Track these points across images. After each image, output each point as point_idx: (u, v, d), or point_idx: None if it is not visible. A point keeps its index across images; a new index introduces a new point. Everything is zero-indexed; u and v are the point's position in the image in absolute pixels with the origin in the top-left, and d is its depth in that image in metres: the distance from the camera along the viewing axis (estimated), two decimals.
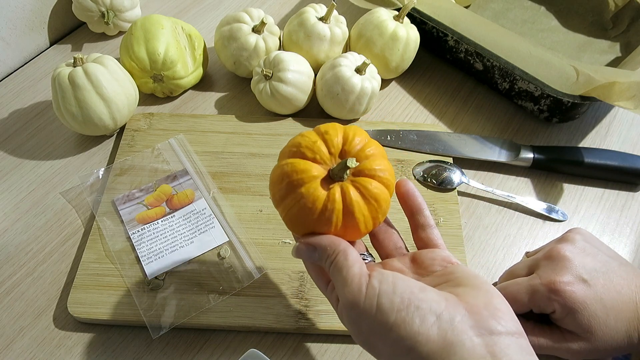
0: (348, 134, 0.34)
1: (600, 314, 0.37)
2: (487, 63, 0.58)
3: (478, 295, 0.29)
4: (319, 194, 0.32)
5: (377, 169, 0.33)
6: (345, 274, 0.30)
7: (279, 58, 0.54)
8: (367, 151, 0.33)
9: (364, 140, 0.34)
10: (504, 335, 0.27)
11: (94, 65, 0.51)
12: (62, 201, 0.52)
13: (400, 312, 0.28)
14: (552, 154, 0.54)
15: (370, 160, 0.33)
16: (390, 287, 0.29)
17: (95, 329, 0.44)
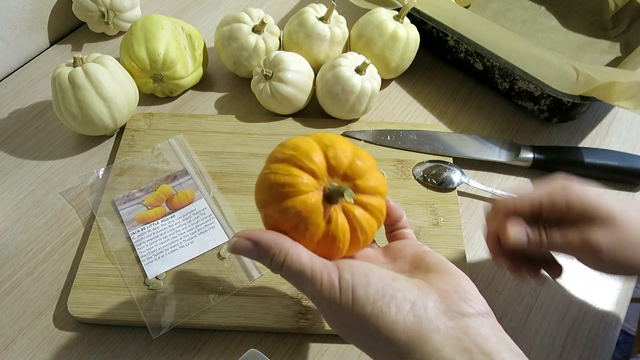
0: (355, 156, 0.32)
1: (617, 202, 0.35)
2: (487, 63, 0.58)
3: (447, 280, 0.30)
4: (306, 208, 0.31)
5: (372, 204, 0.32)
6: (311, 273, 0.30)
7: (279, 58, 0.54)
8: (369, 183, 0.32)
9: (367, 164, 0.33)
10: (475, 317, 0.28)
11: (94, 65, 0.51)
12: (62, 201, 0.52)
13: (376, 303, 0.28)
14: (552, 154, 0.54)
15: (367, 195, 0.32)
16: (363, 279, 0.29)
17: (95, 329, 0.44)
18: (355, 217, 0.32)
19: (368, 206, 0.32)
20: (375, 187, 0.32)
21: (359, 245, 0.33)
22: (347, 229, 0.32)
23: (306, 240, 0.31)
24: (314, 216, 0.31)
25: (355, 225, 0.32)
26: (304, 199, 0.31)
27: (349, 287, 0.29)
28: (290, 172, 0.31)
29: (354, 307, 0.29)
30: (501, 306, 0.46)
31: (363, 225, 0.32)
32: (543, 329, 0.44)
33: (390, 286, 0.29)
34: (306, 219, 0.31)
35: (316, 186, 0.31)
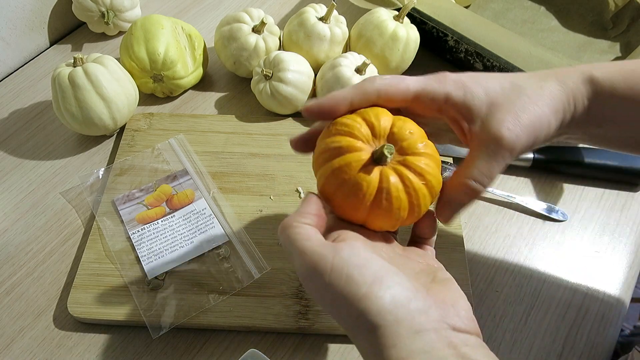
0: (396, 122, 0.32)
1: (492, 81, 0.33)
2: (487, 63, 0.58)
3: (447, 294, 0.30)
4: (356, 168, 0.30)
5: (423, 167, 0.31)
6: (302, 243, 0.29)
7: (279, 58, 0.54)
8: (418, 146, 0.32)
9: (417, 133, 0.32)
10: (465, 333, 0.28)
11: (94, 65, 0.51)
12: (62, 201, 0.52)
13: (372, 286, 0.27)
14: (552, 154, 0.54)
15: (419, 157, 0.31)
16: (362, 261, 0.28)
17: (95, 329, 0.44)
18: (406, 176, 0.31)
19: (422, 170, 0.31)
20: (425, 153, 0.32)
21: (414, 210, 0.32)
22: (400, 189, 0.31)
23: (356, 203, 0.31)
24: (361, 175, 0.30)
25: (407, 183, 0.31)
26: (349, 158, 0.31)
27: (344, 264, 0.28)
28: (339, 139, 0.31)
29: (346, 285, 0.27)
30: (501, 306, 0.46)
31: (415, 184, 0.31)
32: (543, 329, 0.44)
33: (391, 277, 0.28)
34: (352, 177, 0.30)
35: (364, 148, 0.31)
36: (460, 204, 0.34)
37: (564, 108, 0.33)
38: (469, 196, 0.33)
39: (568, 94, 0.33)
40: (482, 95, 0.33)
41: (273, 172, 0.52)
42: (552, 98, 0.33)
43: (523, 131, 0.32)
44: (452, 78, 0.34)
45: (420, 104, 0.34)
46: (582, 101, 0.33)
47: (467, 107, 0.33)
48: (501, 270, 0.48)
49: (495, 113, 0.32)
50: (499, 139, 0.32)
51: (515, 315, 0.45)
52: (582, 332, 0.44)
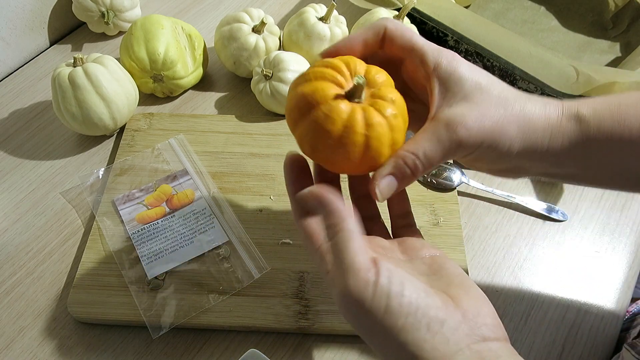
0: (370, 69, 0.32)
1: (484, 77, 0.33)
2: (487, 63, 0.58)
3: (470, 300, 0.29)
4: (337, 112, 0.30)
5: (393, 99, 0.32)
6: (350, 261, 0.28)
7: (279, 58, 0.54)
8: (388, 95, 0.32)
9: (388, 82, 0.33)
10: (494, 341, 0.28)
11: (94, 65, 0.51)
12: (62, 201, 0.52)
13: (408, 317, 0.27)
14: None
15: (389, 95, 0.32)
16: (399, 288, 0.28)
17: (95, 329, 0.44)
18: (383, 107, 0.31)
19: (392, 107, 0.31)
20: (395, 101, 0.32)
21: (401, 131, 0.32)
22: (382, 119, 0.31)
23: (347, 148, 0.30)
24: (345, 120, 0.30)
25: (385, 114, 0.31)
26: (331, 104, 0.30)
27: (383, 294, 0.27)
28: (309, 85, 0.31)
29: (385, 316, 0.27)
30: (501, 306, 0.46)
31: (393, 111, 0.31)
32: (543, 329, 0.44)
33: (424, 301, 0.28)
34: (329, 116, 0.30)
35: (340, 91, 0.31)
36: (390, 175, 0.32)
37: (537, 136, 0.32)
38: (400, 169, 0.32)
39: (547, 124, 0.32)
40: (469, 82, 0.32)
41: (273, 172, 0.52)
42: (526, 119, 0.32)
43: (479, 133, 0.31)
44: (454, 58, 0.33)
45: (411, 62, 0.34)
46: (563, 137, 0.32)
47: (445, 86, 0.33)
48: (501, 270, 0.48)
49: (465, 104, 0.32)
50: (455, 129, 0.31)
51: (515, 315, 0.45)
52: (582, 332, 0.44)
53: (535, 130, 0.32)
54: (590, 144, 0.32)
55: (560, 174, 0.34)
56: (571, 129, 0.32)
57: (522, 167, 0.34)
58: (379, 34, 0.34)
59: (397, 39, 0.34)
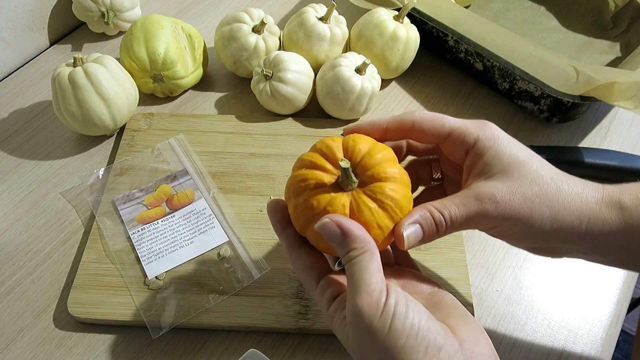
0: (347, 143, 0.33)
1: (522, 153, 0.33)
2: (487, 63, 0.58)
3: (466, 329, 0.30)
4: (321, 201, 0.31)
5: (388, 171, 0.32)
6: (368, 280, 0.29)
7: (279, 58, 0.54)
8: (376, 156, 0.32)
9: (367, 145, 0.33)
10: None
11: (94, 65, 0.51)
12: (62, 201, 0.52)
13: (409, 338, 0.28)
14: (552, 154, 0.54)
15: (380, 165, 0.32)
16: (404, 310, 0.28)
17: (95, 329, 0.44)
18: (377, 191, 0.31)
19: (385, 176, 0.31)
20: (383, 160, 0.32)
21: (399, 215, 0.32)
22: (374, 205, 0.31)
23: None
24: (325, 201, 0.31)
25: (382, 198, 0.31)
26: (317, 190, 0.32)
27: (389, 314, 0.28)
28: (306, 173, 0.33)
29: (387, 335, 0.28)
30: (501, 306, 0.46)
31: (389, 194, 0.31)
32: (543, 329, 0.44)
33: (425, 324, 0.28)
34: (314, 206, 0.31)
35: (330, 180, 0.32)
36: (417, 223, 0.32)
37: (572, 219, 0.32)
38: (427, 220, 0.32)
39: (585, 208, 0.32)
40: (506, 157, 0.33)
41: (273, 172, 0.52)
42: (560, 201, 0.32)
43: (506, 208, 0.32)
44: (493, 132, 0.34)
45: (451, 143, 0.35)
46: (603, 224, 0.32)
47: (483, 159, 0.33)
48: (501, 270, 0.48)
49: (499, 178, 0.32)
50: (482, 201, 0.32)
51: (515, 315, 0.45)
52: (583, 333, 0.44)
53: (570, 213, 0.32)
54: (634, 233, 0.32)
55: (602, 260, 0.34)
56: (612, 216, 0.32)
57: (558, 248, 0.34)
58: (404, 126, 0.35)
59: (429, 130, 0.35)
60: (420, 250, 0.47)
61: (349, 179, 0.31)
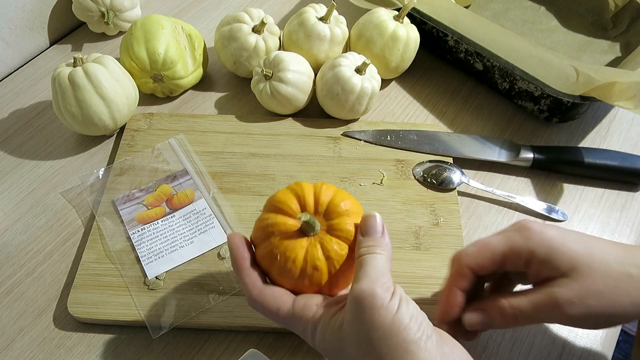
0: (318, 192, 0.36)
1: (581, 247, 0.34)
2: (487, 63, 0.58)
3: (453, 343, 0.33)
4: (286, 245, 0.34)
5: (343, 229, 0.35)
6: (382, 271, 0.32)
7: (279, 58, 0.54)
8: (340, 206, 0.35)
9: (336, 196, 0.36)
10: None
11: (94, 65, 0.51)
12: (62, 201, 0.52)
13: (412, 320, 0.30)
14: (552, 154, 0.54)
15: (341, 218, 0.35)
16: (407, 298, 0.32)
17: (95, 329, 0.44)
18: (327, 246, 0.34)
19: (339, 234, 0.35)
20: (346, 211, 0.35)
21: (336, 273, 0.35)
22: (322, 258, 0.34)
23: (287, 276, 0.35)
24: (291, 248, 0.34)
25: (329, 254, 0.34)
26: (281, 238, 0.35)
27: (397, 298, 0.31)
28: (272, 218, 0.35)
29: (396, 314, 0.30)
30: None
31: (333, 252, 0.34)
32: (543, 329, 0.44)
33: (422, 314, 0.32)
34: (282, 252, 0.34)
35: (295, 226, 0.35)
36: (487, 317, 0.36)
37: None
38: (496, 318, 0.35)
39: None
40: (566, 259, 0.33)
41: (273, 172, 0.52)
42: (636, 286, 0.32)
43: (582, 310, 0.33)
44: (537, 233, 0.35)
45: (507, 263, 0.36)
46: None
47: (550, 266, 0.34)
48: None
49: (569, 281, 0.33)
50: (557, 306, 0.33)
51: None
52: (582, 332, 0.44)
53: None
54: None
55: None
56: None
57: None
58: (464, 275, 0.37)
59: (486, 264, 0.36)
60: (420, 250, 0.47)
61: (308, 228, 0.34)
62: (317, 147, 0.55)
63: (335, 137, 0.56)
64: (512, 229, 0.36)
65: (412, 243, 0.48)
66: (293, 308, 0.34)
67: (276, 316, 0.35)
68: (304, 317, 0.33)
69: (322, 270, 0.34)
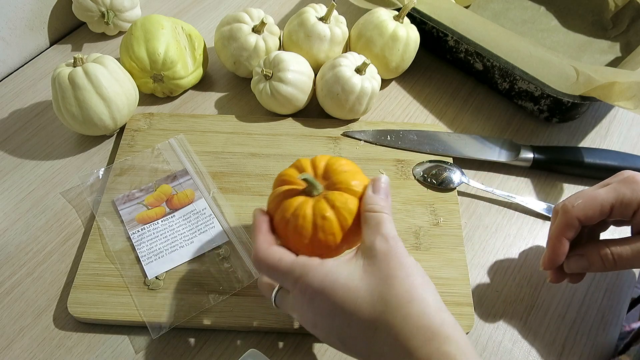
0: (315, 160, 0.39)
1: None
2: (487, 63, 0.58)
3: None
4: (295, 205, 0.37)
5: (342, 181, 0.37)
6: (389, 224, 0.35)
7: (279, 58, 0.54)
8: (339, 165, 0.38)
9: (331, 159, 0.39)
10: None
11: (94, 65, 0.51)
12: (62, 201, 0.52)
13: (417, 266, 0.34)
14: (552, 154, 0.54)
15: (338, 175, 0.38)
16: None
17: (95, 329, 0.44)
18: (335, 199, 0.37)
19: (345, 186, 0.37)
20: (346, 171, 0.38)
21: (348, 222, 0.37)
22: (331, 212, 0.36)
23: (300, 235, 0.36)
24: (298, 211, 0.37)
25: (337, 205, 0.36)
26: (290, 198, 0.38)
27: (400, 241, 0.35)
28: (279, 189, 0.39)
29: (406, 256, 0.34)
30: (501, 306, 0.46)
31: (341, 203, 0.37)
32: (543, 329, 0.44)
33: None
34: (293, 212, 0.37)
35: (299, 189, 0.38)
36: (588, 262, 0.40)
37: None
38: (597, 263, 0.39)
39: None
40: None
41: (273, 172, 0.52)
42: None
43: None
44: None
45: (613, 214, 0.39)
46: None
47: None
48: (501, 270, 0.48)
49: None
50: None
51: (515, 315, 0.45)
52: (582, 332, 0.44)
53: None
54: None
55: None
56: None
57: None
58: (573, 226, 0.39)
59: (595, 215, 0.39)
60: (420, 250, 0.47)
61: (310, 188, 0.37)
62: (317, 147, 0.55)
63: (335, 137, 0.56)
64: (619, 182, 0.39)
65: (412, 243, 0.48)
66: (297, 258, 0.35)
67: (277, 267, 0.35)
68: (307, 264, 0.34)
69: (332, 220, 0.36)
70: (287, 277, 0.34)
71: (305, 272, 0.33)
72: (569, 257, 0.40)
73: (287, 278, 0.34)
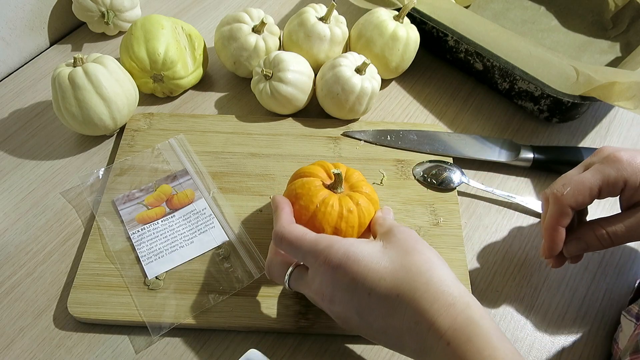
0: (348, 169, 0.44)
1: None
2: (487, 63, 0.58)
3: None
4: (321, 196, 0.41)
5: (367, 192, 0.42)
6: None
7: (279, 58, 0.54)
8: (357, 176, 0.44)
9: (349, 169, 0.44)
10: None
11: (94, 65, 0.51)
12: (62, 201, 0.52)
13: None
14: (552, 154, 0.54)
15: (361, 182, 0.43)
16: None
17: (95, 329, 0.44)
18: (359, 197, 0.41)
19: (362, 202, 0.41)
20: (368, 192, 0.43)
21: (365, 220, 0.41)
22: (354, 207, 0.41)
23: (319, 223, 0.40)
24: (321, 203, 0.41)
25: (359, 202, 0.41)
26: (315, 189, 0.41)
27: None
28: (303, 180, 0.42)
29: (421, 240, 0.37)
30: (501, 306, 0.46)
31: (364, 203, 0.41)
32: (543, 330, 0.44)
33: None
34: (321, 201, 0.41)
35: (324, 185, 0.42)
36: (586, 244, 0.41)
37: None
38: (594, 243, 0.40)
39: None
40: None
41: (273, 172, 0.52)
42: None
43: None
44: (627, 162, 0.39)
45: (602, 194, 0.40)
46: None
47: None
48: (501, 270, 0.48)
49: None
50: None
51: (515, 315, 0.45)
52: (583, 332, 0.44)
53: None
54: None
55: None
56: None
57: None
58: (566, 213, 0.40)
59: (585, 200, 0.40)
60: None
61: (338, 182, 0.41)
62: (317, 147, 0.55)
63: (335, 137, 0.56)
64: (601, 162, 0.40)
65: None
66: (322, 235, 0.37)
67: (302, 240, 0.37)
68: (332, 237, 0.36)
69: (355, 214, 0.40)
70: (310, 251, 0.36)
71: (330, 244, 0.35)
72: (567, 242, 0.42)
73: (310, 251, 0.36)
